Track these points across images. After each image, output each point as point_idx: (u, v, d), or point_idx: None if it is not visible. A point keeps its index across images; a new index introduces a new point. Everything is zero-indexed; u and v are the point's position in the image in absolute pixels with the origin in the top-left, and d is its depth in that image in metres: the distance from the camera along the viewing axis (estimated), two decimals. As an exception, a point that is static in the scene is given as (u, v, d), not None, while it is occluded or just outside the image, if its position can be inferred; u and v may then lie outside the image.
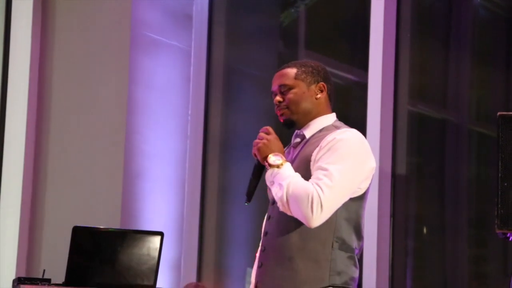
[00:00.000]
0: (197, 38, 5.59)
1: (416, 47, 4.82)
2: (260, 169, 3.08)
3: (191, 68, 5.59)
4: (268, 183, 3.03)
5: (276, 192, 2.98)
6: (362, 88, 4.85)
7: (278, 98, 3.11)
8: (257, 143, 3.06)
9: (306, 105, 3.10)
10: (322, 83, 3.12)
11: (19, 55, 5.46)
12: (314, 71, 3.12)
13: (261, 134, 3.08)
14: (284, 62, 3.22)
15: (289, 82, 3.11)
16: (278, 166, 3.00)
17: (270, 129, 3.09)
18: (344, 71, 5.07)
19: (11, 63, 5.50)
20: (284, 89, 3.10)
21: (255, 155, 3.07)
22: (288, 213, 2.97)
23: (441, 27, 4.85)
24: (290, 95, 3.10)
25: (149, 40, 5.36)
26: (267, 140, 3.05)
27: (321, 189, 2.89)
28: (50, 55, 5.46)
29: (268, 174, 3.02)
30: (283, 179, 2.97)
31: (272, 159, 3.01)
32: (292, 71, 3.12)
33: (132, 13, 5.26)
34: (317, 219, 2.90)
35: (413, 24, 4.83)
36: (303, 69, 3.12)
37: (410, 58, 4.80)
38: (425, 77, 4.84)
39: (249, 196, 3.09)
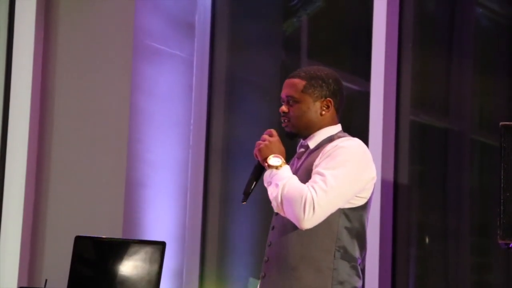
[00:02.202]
0: (199, 47, 5.58)
1: (418, 56, 4.82)
2: (260, 169, 3.12)
3: (194, 77, 5.59)
4: (265, 183, 3.07)
5: (271, 191, 3.02)
6: (364, 97, 4.85)
7: (283, 108, 3.15)
8: (259, 144, 3.10)
9: (309, 119, 3.12)
10: (329, 98, 3.12)
11: (21, 64, 5.47)
12: (323, 84, 3.12)
13: (264, 136, 3.13)
14: (286, 70, 3.23)
15: (296, 95, 3.12)
16: (277, 167, 3.03)
17: (274, 132, 3.13)
18: (346, 80, 5.05)
19: (14, 70, 5.50)
20: (291, 101, 3.12)
21: (256, 155, 3.10)
22: (282, 214, 3.01)
23: (444, 36, 4.85)
24: (294, 109, 3.12)
25: (152, 49, 5.36)
26: (269, 141, 3.09)
27: (315, 191, 2.92)
28: (53, 63, 5.47)
29: (267, 175, 3.06)
30: (280, 179, 3.00)
31: (272, 160, 3.05)
32: (301, 83, 3.12)
33: (134, 22, 5.26)
34: (308, 220, 2.92)
35: (415, 33, 4.83)
36: (312, 81, 3.11)
37: (412, 67, 4.80)
38: (427, 86, 4.84)
39: (246, 195, 3.12)
